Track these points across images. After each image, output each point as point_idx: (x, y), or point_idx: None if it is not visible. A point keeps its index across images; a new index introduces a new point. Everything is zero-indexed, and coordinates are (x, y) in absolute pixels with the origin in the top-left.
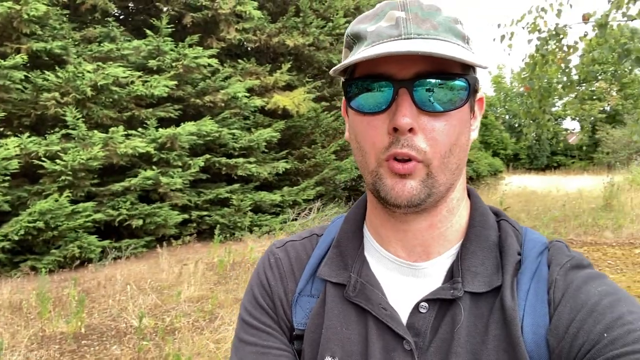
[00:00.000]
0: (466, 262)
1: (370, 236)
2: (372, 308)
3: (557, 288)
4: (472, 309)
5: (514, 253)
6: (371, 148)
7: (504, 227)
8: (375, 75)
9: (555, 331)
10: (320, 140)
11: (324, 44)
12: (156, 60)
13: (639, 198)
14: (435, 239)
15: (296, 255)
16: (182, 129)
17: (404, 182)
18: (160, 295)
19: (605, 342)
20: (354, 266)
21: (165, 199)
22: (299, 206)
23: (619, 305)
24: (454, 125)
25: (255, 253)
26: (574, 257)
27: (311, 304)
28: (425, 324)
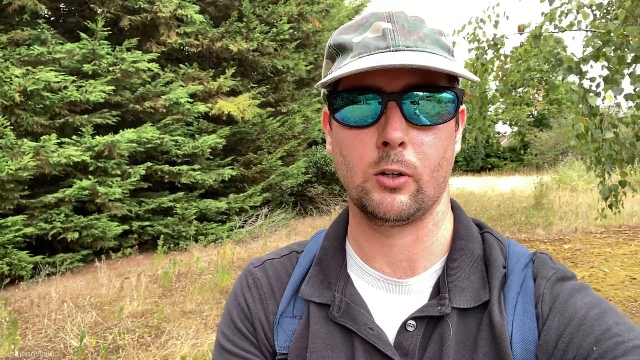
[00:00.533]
0: (453, 277)
1: (354, 252)
2: (359, 329)
3: (545, 302)
4: (460, 326)
5: (499, 267)
6: (359, 163)
7: (489, 240)
8: (362, 87)
9: (544, 347)
10: (267, 146)
11: (269, 49)
12: (92, 65)
13: (566, 197)
14: (421, 253)
15: (276, 274)
16: (121, 136)
17: (394, 197)
18: (101, 312)
19: (595, 356)
20: (338, 285)
21: (104, 210)
22: (246, 213)
23: (606, 317)
24: (442, 139)
25: (202, 263)
26: (559, 270)
27: (294, 326)
28: (413, 343)
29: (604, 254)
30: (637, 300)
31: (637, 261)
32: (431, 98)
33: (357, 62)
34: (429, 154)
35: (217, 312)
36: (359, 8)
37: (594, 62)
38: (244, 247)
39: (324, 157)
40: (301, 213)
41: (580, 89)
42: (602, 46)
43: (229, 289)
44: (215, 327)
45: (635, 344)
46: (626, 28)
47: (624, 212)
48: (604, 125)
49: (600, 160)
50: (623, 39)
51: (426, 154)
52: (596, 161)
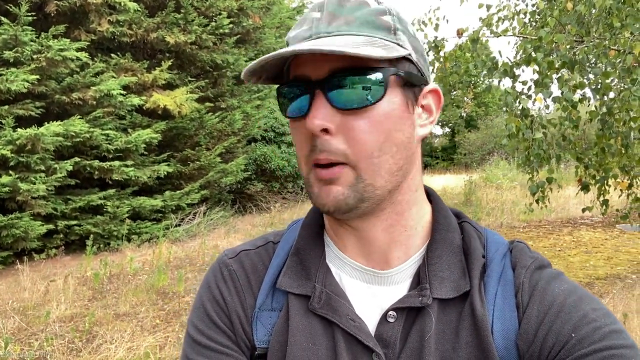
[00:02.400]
0: (433, 267)
1: (332, 242)
2: (340, 320)
3: (524, 291)
4: (441, 316)
5: (479, 256)
6: (300, 155)
7: (467, 229)
8: (294, 78)
9: (525, 335)
10: (205, 142)
11: (207, 43)
12: (13, 52)
13: (493, 194)
14: (392, 244)
15: (252, 266)
16: (45, 129)
17: (329, 188)
18: (24, 317)
19: (573, 342)
20: (317, 275)
21: (25, 208)
22: (183, 211)
23: (582, 303)
24: (379, 122)
25: (135, 263)
26: (537, 258)
27: (273, 319)
28: (394, 334)
29: None
30: None
31: (556, 253)
32: (356, 80)
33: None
34: (362, 138)
35: (153, 314)
36: (300, 8)
37: (525, 66)
38: (180, 246)
39: (263, 154)
40: (240, 211)
41: (513, 91)
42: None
43: (166, 290)
44: (153, 329)
45: (611, 328)
46: (555, 35)
47: (543, 208)
48: (534, 125)
49: (529, 158)
50: (552, 45)
51: (358, 139)
52: (525, 159)
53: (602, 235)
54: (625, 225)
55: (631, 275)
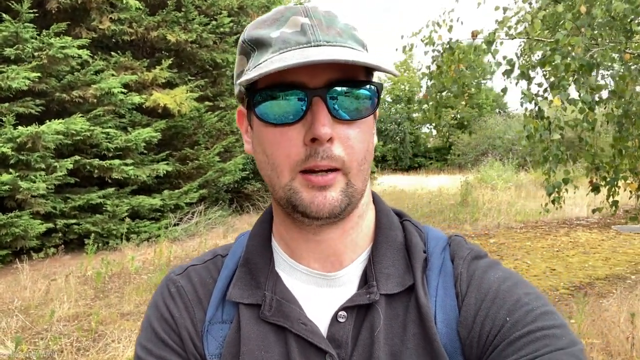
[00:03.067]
0: (378, 265)
1: (281, 250)
2: (292, 325)
3: (462, 280)
4: (388, 311)
5: (420, 252)
6: (284, 161)
7: (408, 227)
8: (285, 84)
9: (464, 322)
10: (204, 141)
11: (207, 41)
12: (14, 49)
13: (488, 195)
14: (348, 245)
15: (200, 280)
16: (47, 127)
17: (324, 194)
18: (27, 316)
19: (508, 326)
20: (267, 283)
21: (25, 206)
22: (181, 210)
23: (516, 288)
24: (365, 132)
25: (136, 262)
26: (473, 249)
27: (224, 331)
28: (345, 334)
29: (525, 247)
30: (558, 289)
31: (554, 253)
32: (353, 93)
33: (278, 57)
34: (355, 147)
35: None
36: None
37: (541, 68)
38: (180, 245)
39: None
40: (237, 210)
41: (529, 93)
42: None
43: None
44: None
45: (542, 310)
46: (571, 38)
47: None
48: (551, 127)
49: (547, 159)
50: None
51: (353, 148)
52: (543, 159)
53: (598, 236)
54: (620, 227)
55: (630, 275)
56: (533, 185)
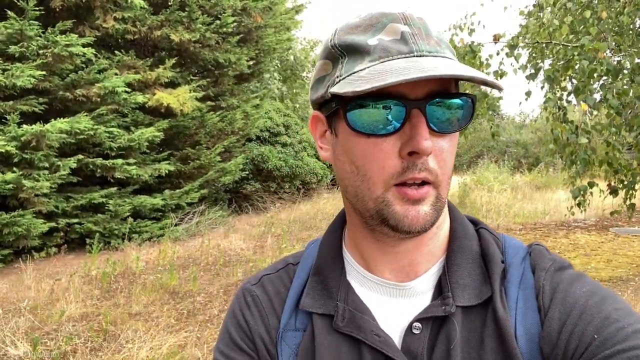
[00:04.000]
0: (454, 276)
1: (353, 260)
2: (365, 337)
3: (545, 294)
4: (464, 324)
5: (498, 262)
6: (379, 173)
7: (484, 235)
8: (383, 94)
9: (547, 338)
10: (205, 141)
11: (210, 41)
12: (19, 47)
13: (486, 196)
14: (424, 256)
15: (274, 289)
16: (51, 125)
17: (417, 209)
18: (35, 317)
19: (597, 344)
20: (339, 293)
21: (28, 205)
22: (182, 210)
23: (604, 304)
24: (454, 145)
25: (141, 262)
26: (556, 260)
27: (297, 339)
28: (420, 346)
29: None
30: None
31: None
32: (450, 105)
33: (383, 66)
34: (447, 160)
35: (167, 313)
36: (298, 8)
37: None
38: (182, 245)
39: (260, 154)
40: (236, 210)
41: (554, 97)
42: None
43: (175, 289)
44: (169, 328)
45: (634, 328)
46: (596, 43)
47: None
48: (578, 131)
49: (575, 162)
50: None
51: (445, 161)
52: (571, 163)
53: (597, 238)
54: (618, 229)
55: (634, 277)
56: (529, 187)
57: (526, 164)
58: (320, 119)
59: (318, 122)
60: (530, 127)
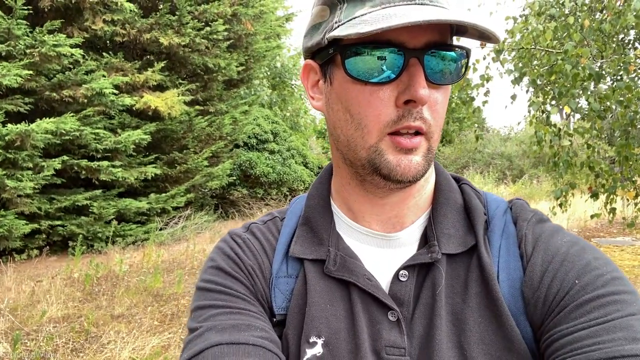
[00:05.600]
0: (439, 226)
1: (340, 212)
2: (357, 279)
3: (528, 242)
4: (449, 271)
5: (480, 213)
6: (374, 121)
7: (466, 190)
8: (382, 41)
9: (529, 282)
10: (193, 145)
11: (200, 46)
12: (5, 45)
13: None
14: (410, 208)
15: (264, 236)
16: (36, 125)
17: (410, 158)
18: (15, 318)
19: (577, 288)
20: (330, 240)
21: (10, 206)
22: (167, 214)
23: (585, 253)
24: (447, 97)
25: (123, 266)
26: (536, 213)
27: (290, 285)
28: (407, 292)
29: None
30: None
31: None
32: (447, 56)
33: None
34: (440, 112)
35: (151, 315)
36: (289, 16)
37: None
38: (166, 249)
39: (248, 159)
40: (222, 216)
41: (537, 101)
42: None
43: (159, 292)
44: (152, 330)
45: (613, 275)
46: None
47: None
48: (561, 133)
49: (557, 164)
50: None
51: (438, 112)
52: (553, 165)
53: None
54: (599, 239)
55: None
56: None
57: (510, 175)
58: (313, 68)
59: (310, 71)
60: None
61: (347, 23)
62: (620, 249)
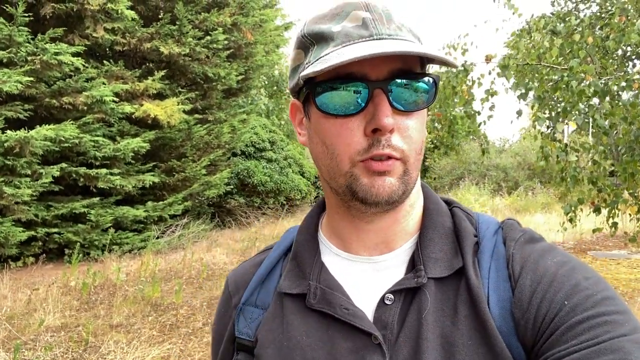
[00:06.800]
0: (426, 250)
1: (327, 241)
2: (334, 311)
3: (515, 262)
4: (437, 294)
5: (470, 235)
6: (345, 150)
7: (457, 213)
8: (346, 75)
9: (518, 303)
10: (191, 153)
11: (200, 55)
12: (7, 52)
13: None
14: (397, 233)
15: (243, 272)
16: (36, 132)
17: (383, 179)
18: (12, 326)
19: (567, 310)
20: (312, 273)
21: (7, 213)
22: (164, 223)
23: (574, 273)
24: (421, 123)
25: (122, 274)
26: (526, 232)
27: (256, 315)
28: (391, 316)
29: None
30: None
31: None
32: (412, 85)
33: (343, 50)
34: (413, 137)
35: (149, 325)
36: (287, 25)
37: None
38: (163, 258)
39: (246, 168)
40: (219, 225)
41: (543, 116)
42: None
43: (157, 302)
44: (151, 340)
45: (603, 295)
46: (584, 66)
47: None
48: (567, 149)
49: (564, 179)
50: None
51: (411, 138)
52: (561, 180)
53: None
54: (596, 252)
55: None
56: (508, 210)
57: (506, 187)
58: (297, 107)
59: (296, 110)
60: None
61: (314, 63)
62: (617, 262)
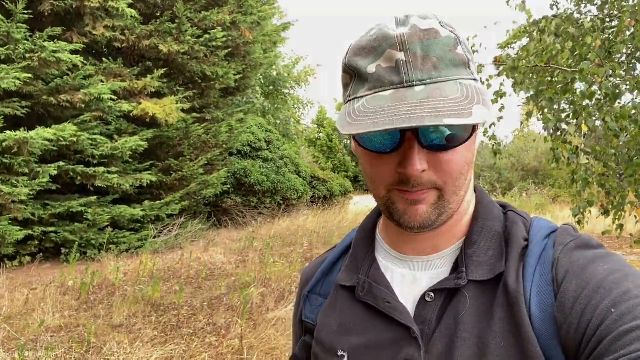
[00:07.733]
0: (469, 253)
1: (382, 239)
2: (377, 303)
3: (560, 266)
4: (476, 296)
5: (519, 240)
6: (379, 180)
7: (511, 217)
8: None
9: (561, 307)
10: (189, 152)
11: (199, 54)
12: (5, 49)
13: None
14: (446, 238)
15: (312, 266)
16: (36, 133)
17: (416, 208)
18: (11, 327)
19: (614, 318)
20: (362, 268)
21: (3, 212)
22: (161, 222)
23: (625, 281)
24: (461, 153)
25: (120, 274)
26: (579, 238)
27: (319, 302)
28: (431, 313)
29: None
30: None
31: None
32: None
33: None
34: (448, 170)
35: (151, 326)
36: (286, 25)
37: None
38: (161, 258)
39: (243, 168)
40: (215, 224)
41: (554, 118)
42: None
43: (157, 302)
44: (152, 340)
45: None
46: (594, 69)
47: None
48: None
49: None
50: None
51: (446, 171)
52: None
53: None
54: None
55: None
56: None
57: (500, 188)
58: None
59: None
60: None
61: (353, 101)
62: None
